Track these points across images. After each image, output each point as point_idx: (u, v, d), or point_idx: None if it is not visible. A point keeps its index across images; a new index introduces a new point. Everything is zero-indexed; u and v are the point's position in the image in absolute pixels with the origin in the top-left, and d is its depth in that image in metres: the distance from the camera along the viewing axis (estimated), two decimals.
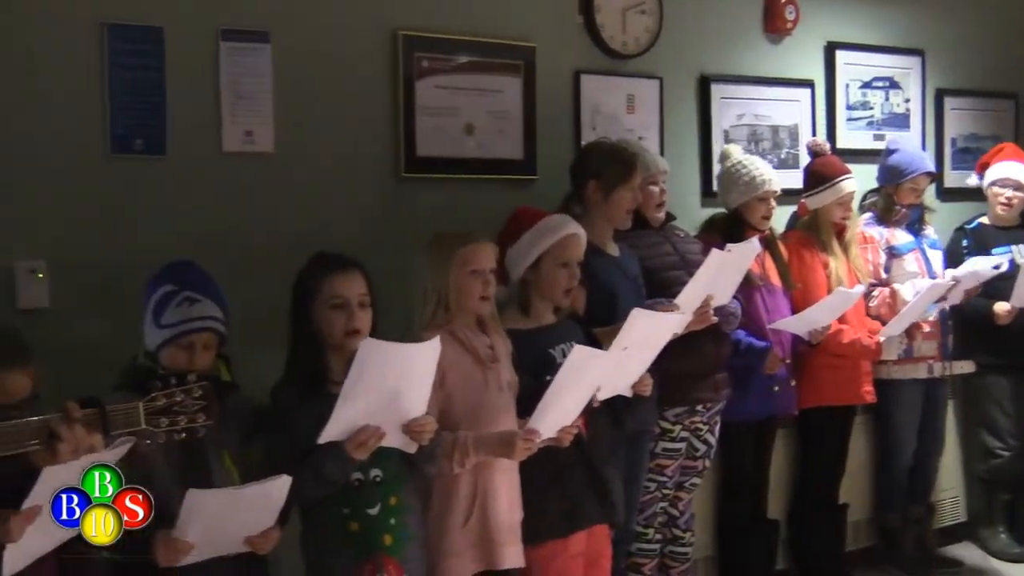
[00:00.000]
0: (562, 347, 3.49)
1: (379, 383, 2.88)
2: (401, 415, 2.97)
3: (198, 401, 2.51)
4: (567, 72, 4.61)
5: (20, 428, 2.29)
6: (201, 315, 2.99)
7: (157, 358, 2.99)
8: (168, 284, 3.03)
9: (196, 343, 2.97)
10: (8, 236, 3.41)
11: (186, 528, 2.72)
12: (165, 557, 2.74)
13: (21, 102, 3.42)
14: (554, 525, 3.39)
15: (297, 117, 3.90)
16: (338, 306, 3.04)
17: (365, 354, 2.83)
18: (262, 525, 2.85)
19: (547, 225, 3.60)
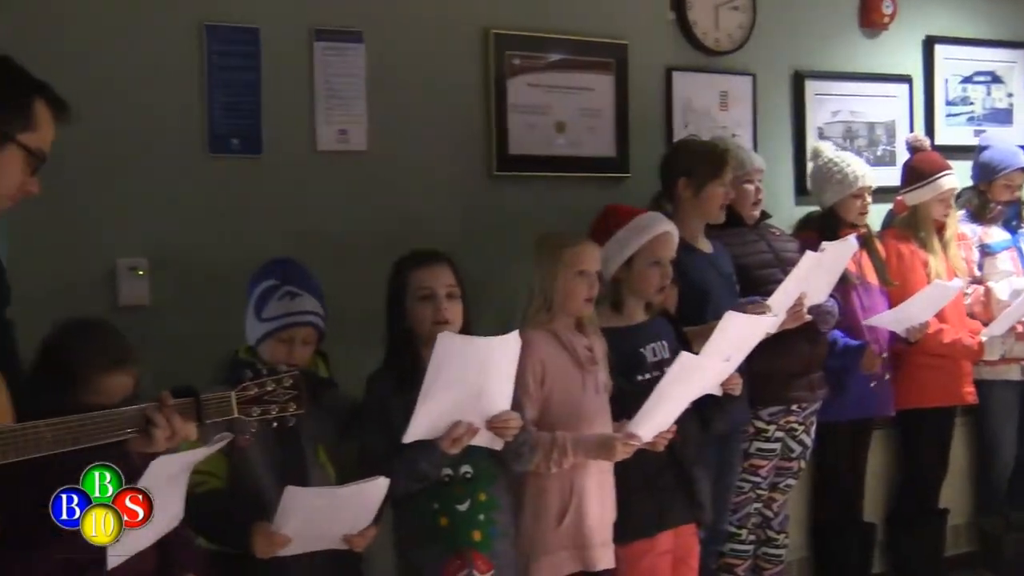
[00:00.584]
0: (653, 346, 3.48)
1: (459, 378, 2.88)
2: (485, 411, 2.97)
3: (289, 391, 2.54)
4: (659, 69, 4.58)
5: (117, 417, 2.33)
6: (301, 309, 3.04)
7: (257, 353, 3.04)
8: (270, 279, 3.09)
9: (296, 337, 3.02)
10: (110, 235, 3.48)
11: (283, 523, 2.76)
12: (262, 549, 2.80)
13: (123, 103, 3.48)
14: (642, 525, 3.38)
15: (390, 116, 3.92)
16: (426, 297, 3.06)
17: (442, 348, 2.83)
18: (359, 524, 2.89)
19: (640, 223, 3.58)
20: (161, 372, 3.24)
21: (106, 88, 3.42)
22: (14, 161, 2.26)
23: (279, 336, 3.01)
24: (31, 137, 2.27)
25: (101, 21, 3.46)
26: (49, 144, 2.32)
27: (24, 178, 2.30)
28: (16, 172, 2.28)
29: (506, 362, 2.97)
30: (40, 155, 2.30)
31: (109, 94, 3.43)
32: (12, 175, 2.28)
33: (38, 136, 2.28)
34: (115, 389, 2.71)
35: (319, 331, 3.08)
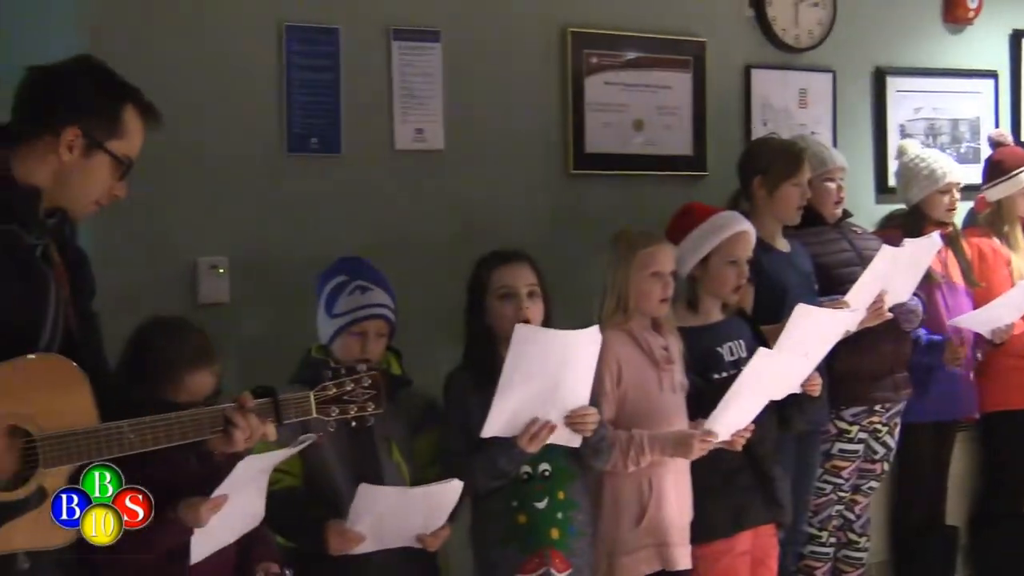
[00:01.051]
0: (730, 345, 3.46)
1: (537, 371, 2.87)
2: (563, 407, 2.97)
3: (368, 390, 2.55)
4: (737, 66, 4.54)
5: (198, 417, 2.36)
6: (373, 302, 3.05)
7: (330, 351, 3.05)
8: (339, 275, 3.11)
9: (369, 331, 3.02)
10: (192, 234, 3.52)
11: (356, 520, 2.78)
12: (336, 546, 2.81)
13: (204, 104, 3.52)
14: (720, 525, 3.35)
15: (467, 115, 3.93)
16: (506, 296, 3.06)
17: (520, 339, 2.84)
18: (432, 525, 2.90)
19: (717, 222, 3.55)
20: (241, 369, 3.30)
21: (187, 88, 3.46)
22: (102, 167, 2.30)
23: (352, 330, 3.02)
24: (119, 144, 2.31)
25: (182, 22, 3.50)
26: (137, 150, 2.36)
27: (112, 183, 2.34)
28: (104, 178, 2.32)
29: (585, 357, 2.96)
30: (127, 162, 2.33)
31: (190, 94, 3.47)
32: (100, 181, 2.32)
33: (126, 143, 2.32)
34: (197, 387, 2.75)
35: (391, 324, 3.09)
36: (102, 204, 2.37)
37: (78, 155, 2.26)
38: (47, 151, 2.25)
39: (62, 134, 2.24)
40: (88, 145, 2.27)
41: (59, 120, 2.24)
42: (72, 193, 2.30)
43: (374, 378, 2.56)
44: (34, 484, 2.16)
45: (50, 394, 2.19)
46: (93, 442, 2.20)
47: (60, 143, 2.25)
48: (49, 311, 2.28)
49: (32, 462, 2.15)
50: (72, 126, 2.24)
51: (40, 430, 2.16)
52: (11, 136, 2.28)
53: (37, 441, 2.15)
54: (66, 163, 2.26)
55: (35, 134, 2.26)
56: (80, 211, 2.36)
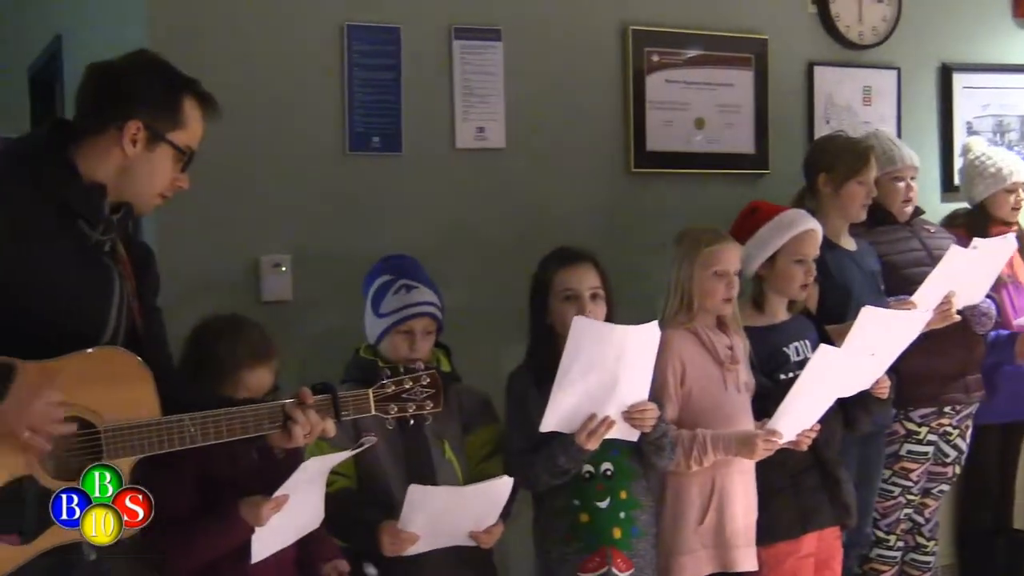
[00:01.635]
0: (796, 345, 3.43)
1: (595, 365, 2.87)
2: (621, 402, 2.95)
3: (426, 389, 2.56)
4: (800, 64, 4.50)
5: (258, 412, 2.38)
6: (419, 300, 3.05)
7: (378, 351, 3.06)
8: (384, 275, 3.12)
9: (416, 329, 3.02)
10: (255, 232, 3.55)
11: (409, 521, 2.79)
12: (390, 547, 2.82)
13: (267, 103, 3.55)
14: (786, 526, 3.32)
15: (528, 113, 3.92)
16: (570, 298, 3.05)
17: (578, 332, 2.83)
18: (485, 522, 2.90)
19: (783, 220, 3.52)
20: (302, 367, 3.32)
21: (250, 87, 3.49)
22: (165, 159, 2.33)
23: (399, 329, 3.02)
24: (180, 135, 2.33)
25: (246, 21, 3.54)
26: (198, 140, 2.38)
27: (175, 174, 2.36)
28: (167, 170, 2.34)
29: (644, 352, 2.94)
30: (189, 152, 2.36)
31: (253, 93, 3.50)
32: (163, 173, 2.34)
33: (187, 134, 2.35)
34: (255, 383, 2.78)
35: (438, 322, 3.09)
36: (166, 196, 2.39)
37: (141, 148, 2.29)
38: (110, 146, 2.28)
39: (124, 128, 2.27)
40: (151, 137, 2.29)
41: (121, 114, 2.27)
42: (136, 186, 2.32)
43: (433, 377, 2.57)
44: None
45: (113, 387, 2.22)
46: (155, 435, 2.23)
47: (123, 137, 2.27)
48: (113, 306, 2.31)
49: (96, 454, 2.18)
50: (134, 119, 2.27)
51: (103, 422, 2.19)
52: (75, 133, 2.31)
53: (100, 433, 2.19)
54: (130, 157, 2.28)
55: (98, 130, 2.29)
56: (144, 204, 2.38)
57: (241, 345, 2.80)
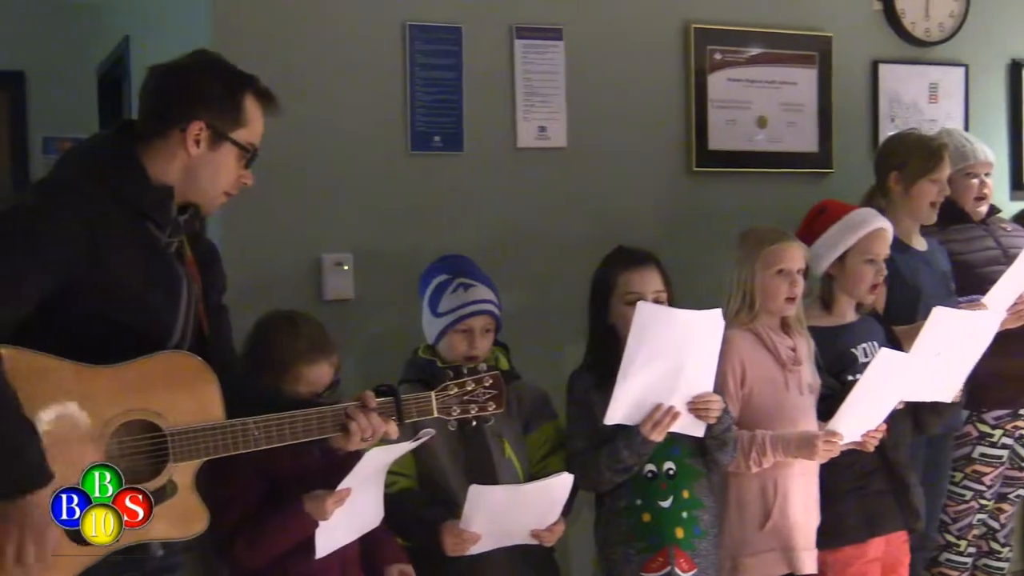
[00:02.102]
0: (864, 346, 3.38)
1: (659, 352, 2.86)
2: (686, 393, 2.94)
3: (489, 391, 2.57)
4: (864, 61, 4.45)
5: (322, 415, 2.40)
6: (477, 299, 3.04)
7: (436, 351, 3.06)
8: (441, 274, 3.12)
9: (475, 327, 3.02)
10: (317, 231, 3.57)
11: (470, 521, 2.79)
12: (452, 547, 2.83)
13: (329, 102, 3.57)
14: (853, 530, 3.28)
15: (589, 112, 3.92)
16: (633, 302, 3.02)
17: (642, 317, 2.82)
18: (547, 520, 2.90)
19: (853, 219, 3.48)
20: (364, 365, 3.34)
21: (313, 88, 3.52)
22: (229, 158, 2.35)
23: (458, 328, 3.02)
24: (243, 133, 2.36)
25: (309, 21, 3.56)
26: (260, 137, 2.40)
27: (239, 172, 2.38)
28: (231, 168, 2.37)
29: (708, 340, 2.93)
30: (252, 149, 2.38)
31: (315, 93, 3.52)
32: (227, 172, 2.37)
33: (249, 131, 2.37)
34: (315, 378, 2.80)
35: (496, 320, 3.08)
36: (231, 194, 2.42)
37: (205, 148, 2.31)
38: (175, 148, 2.30)
39: (188, 129, 2.29)
40: (214, 137, 2.31)
41: (184, 116, 2.29)
42: (202, 186, 2.35)
43: (496, 379, 2.58)
44: (165, 477, 2.22)
45: (179, 390, 2.25)
46: (220, 438, 2.26)
47: (186, 138, 2.29)
48: (181, 308, 2.33)
49: (162, 457, 2.21)
50: (197, 120, 2.29)
51: (169, 426, 2.22)
52: (140, 135, 2.34)
53: (166, 437, 2.21)
54: (193, 157, 2.31)
55: (162, 132, 2.31)
56: (210, 203, 2.40)
57: (300, 339, 2.82)
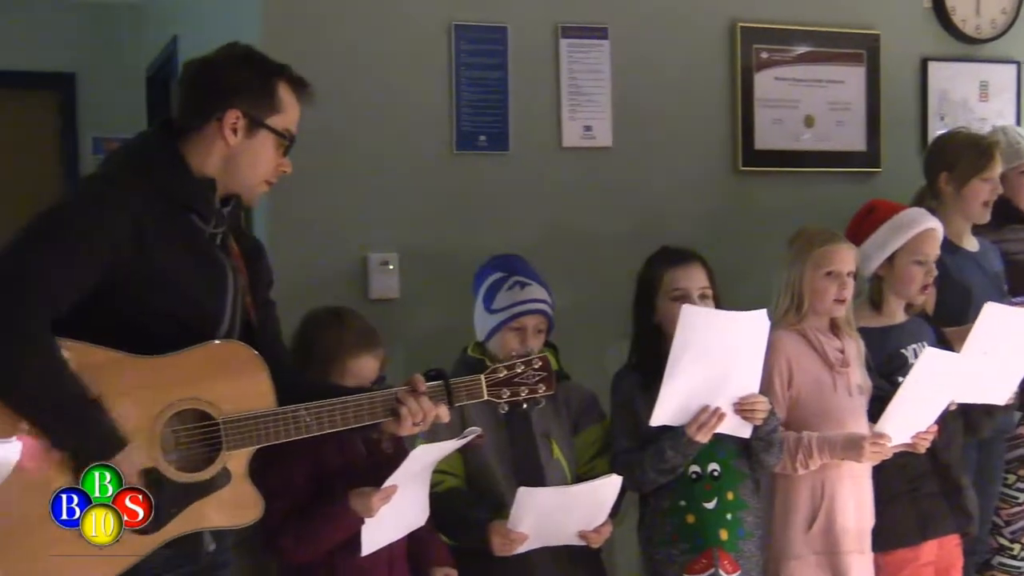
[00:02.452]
0: (914, 347, 3.35)
1: (705, 353, 2.85)
2: (732, 394, 2.93)
3: (538, 372, 2.56)
4: (914, 59, 4.40)
5: (372, 400, 2.41)
6: (532, 297, 3.05)
7: (486, 349, 3.07)
8: (496, 272, 3.12)
9: (528, 326, 3.02)
10: (363, 230, 3.59)
11: (518, 521, 2.79)
12: (500, 547, 2.83)
13: (375, 101, 3.58)
14: (905, 533, 3.25)
15: (634, 111, 3.90)
16: (679, 298, 3.03)
17: (687, 320, 2.82)
18: (594, 521, 2.89)
19: (903, 219, 3.44)
20: (409, 364, 3.35)
21: (359, 87, 3.54)
22: (266, 145, 2.37)
23: (511, 325, 3.02)
24: (278, 119, 2.38)
25: (356, 21, 3.57)
26: (296, 124, 2.43)
27: (279, 159, 2.40)
28: (269, 156, 2.39)
29: (753, 341, 2.92)
30: (289, 135, 2.40)
31: (362, 93, 3.54)
32: (266, 159, 2.39)
33: (284, 118, 2.39)
34: (361, 371, 2.81)
35: (550, 320, 3.08)
36: (271, 183, 2.44)
37: (242, 136, 2.34)
38: (213, 138, 2.34)
39: (224, 118, 2.32)
40: (250, 125, 2.34)
41: (219, 105, 2.32)
42: (241, 175, 2.37)
43: (544, 360, 2.58)
44: (219, 465, 2.25)
45: (231, 379, 2.27)
46: (272, 425, 2.28)
47: (223, 127, 2.32)
48: (228, 298, 2.36)
49: (215, 445, 2.23)
50: (232, 109, 2.32)
51: (222, 414, 2.24)
52: (181, 130, 2.37)
53: (219, 425, 2.23)
54: (232, 146, 2.34)
55: (200, 124, 2.34)
56: (251, 192, 2.43)
57: (346, 333, 2.84)
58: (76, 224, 2.18)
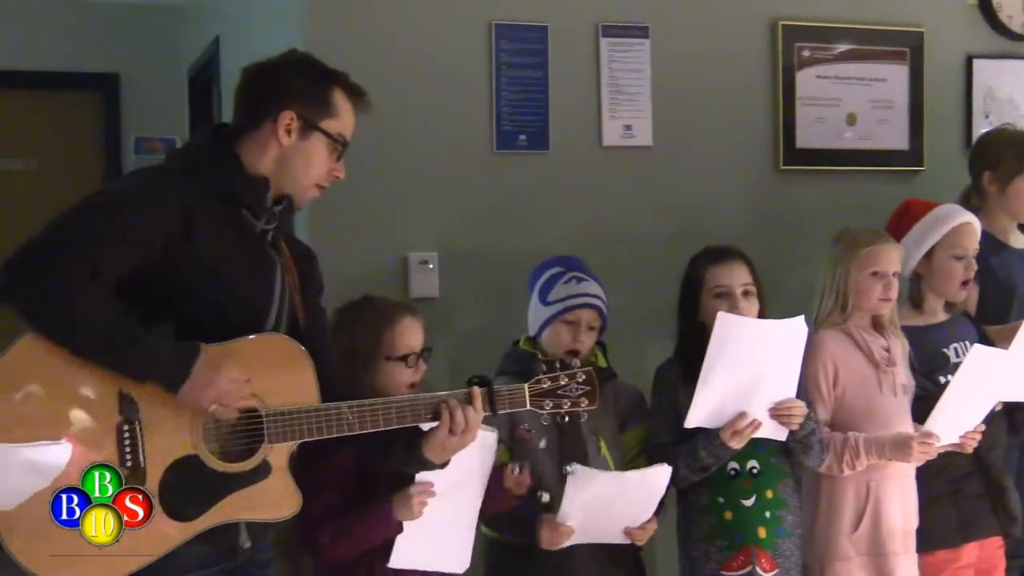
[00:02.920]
0: (955, 346, 3.33)
1: (740, 360, 2.85)
2: (767, 399, 2.92)
3: (582, 386, 2.56)
4: (958, 57, 4.35)
5: (415, 403, 2.42)
6: (588, 292, 3.05)
7: (538, 343, 3.07)
8: (555, 267, 3.14)
9: (581, 320, 3.03)
10: (403, 229, 3.60)
11: (569, 510, 2.77)
12: (548, 540, 2.82)
13: (416, 101, 3.59)
14: (946, 535, 3.23)
15: (675, 110, 3.89)
16: (722, 295, 3.03)
17: (722, 328, 2.81)
18: (641, 516, 2.88)
19: (937, 215, 3.42)
20: (450, 362, 3.36)
21: (400, 86, 3.54)
22: (319, 148, 2.40)
23: (565, 318, 3.03)
24: (332, 123, 2.40)
25: (396, 21, 3.58)
26: (350, 130, 2.45)
27: (331, 164, 2.42)
28: (322, 159, 2.41)
29: (790, 348, 2.91)
30: (342, 140, 2.42)
31: (402, 92, 3.55)
32: (319, 162, 2.41)
33: (339, 122, 2.41)
34: (409, 336, 2.83)
35: (603, 318, 3.08)
36: (323, 187, 2.46)
37: (295, 138, 2.36)
38: (267, 139, 2.36)
39: (278, 119, 2.35)
40: (304, 127, 2.37)
41: (275, 107, 2.35)
42: (294, 176, 2.40)
43: (589, 374, 2.57)
44: (260, 457, 2.26)
45: (276, 372, 2.30)
46: (315, 421, 2.30)
47: (278, 128, 2.35)
48: (275, 294, 2.38)
49: (258, 437, 2.25)
50: (287, 110, 2.35)
51: (266, 407, 2.26)
52: (235, 132, 2.40)
53: (263, 417, 2.25)
54: (285, 147, 2.36)
55: (255, 125, 2.37)
56: (302, 194, 2.44)
57: (382, 304, 2.87)
58: (129, 201, 2.22)
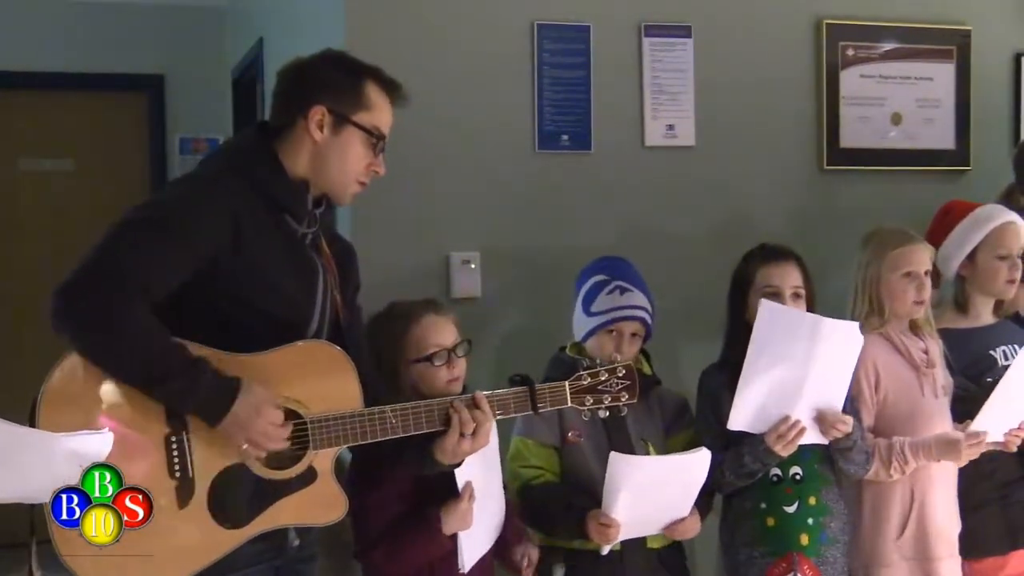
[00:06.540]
0: (1004, 348, 3.29)
1: (784, 356, 2.81)
2: (814, 402, 2.89)
3: (622, 381, 2.56)
4: (1006, 55, 4.31)
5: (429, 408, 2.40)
6: (632, 304, 3.04)
7: (583, 350, 3.06)
8: (599, 274, 3.11)
9: (625, 331, 3.01)
10: (445, 229, 3.61)
11: (612, 499, 2.75)
12: (597, 534, 2.80)
13: (458, 101, 3.59)
14: (993, 541, 3.20)
15: (718, 110, 3.87)
16: (770, 295, 2.99)
17: (766, 318, 2.79)
18: (683, 506, 2.86)
19: (979, 215, 3.39)
20: (492, 362, 3.36)
21: (442, 86, 3.55)
22: (353, 141, 2.39)
23: (608, 329, 3.02)
24: (365, 116, 2.39)
25: (439, 21, 3.59)
26: (387, 124, 2.44)
27: (369, 159, 2.41)
28: (358, 154, 2.40)
29: (842, 352, 2.88)
30: (377, 133, 2.41)
31: (445, 92, 3.55)
32: (355, 157, 2.40)
33: (373, 116, 2.40)
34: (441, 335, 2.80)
35: (647, 327, 3.07)
36: (363, 183, 2.45)
37: (328, 133, 2.36)
38: (302, 136, 2.37)
39: (309, 115, 2.35)
40: (336, 121, 2.36)
41: (305, 103, 2.35)
42: (330, 173, 2.39)
43: (629, 369, 2.58)
44: (305, 464, 2.28)
45: (320, 379, 2.30)
46: (359, 425, 2.30)
47: (310, 124, 2.35)
48: (318, 296, 2.39)
49: (303, 443, 2.26)
50: (318, 105, 2.35)
51: (310, 414, 2.27)
52: (273, 131, 2.40)
53: (307, 424, 2.26)
54: (319, 143, 2.36)
55: (289, 123, 2.38)
56: (341, 191, 2.43)
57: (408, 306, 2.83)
58: (177, 214, 2.22)
